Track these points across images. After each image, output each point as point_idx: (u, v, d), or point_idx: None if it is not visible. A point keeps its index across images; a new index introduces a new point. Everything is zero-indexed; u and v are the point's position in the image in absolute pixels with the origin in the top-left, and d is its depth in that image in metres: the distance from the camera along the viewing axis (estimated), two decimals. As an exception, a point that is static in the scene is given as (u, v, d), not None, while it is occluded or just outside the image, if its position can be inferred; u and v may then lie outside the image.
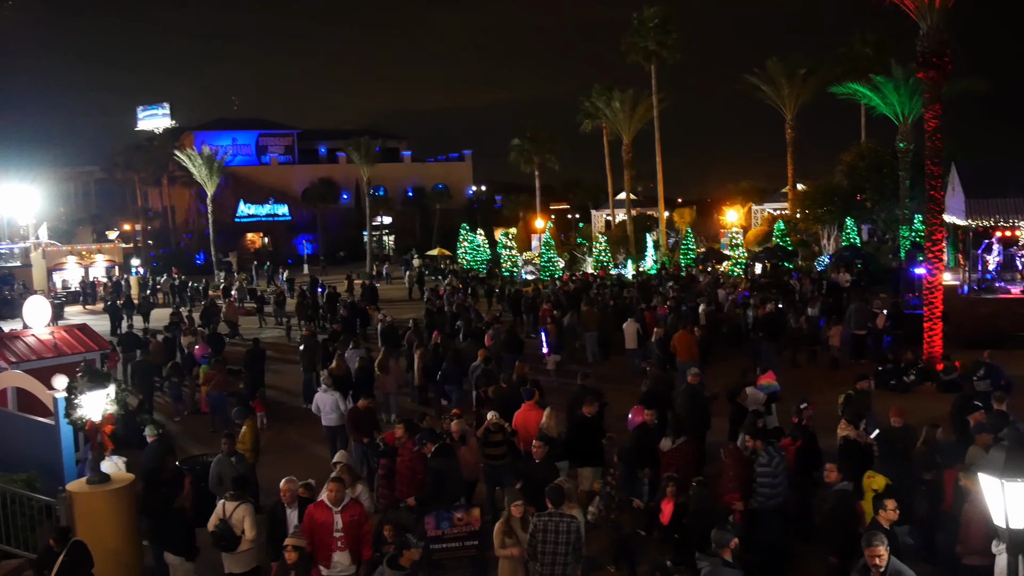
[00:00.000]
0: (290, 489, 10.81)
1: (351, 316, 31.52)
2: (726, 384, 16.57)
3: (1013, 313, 24.76)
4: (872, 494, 10.24)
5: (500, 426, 13.40)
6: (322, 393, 17.23)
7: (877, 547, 7.74)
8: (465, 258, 60.17)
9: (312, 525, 9.87)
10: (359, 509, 10.15)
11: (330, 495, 10.04)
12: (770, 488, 10.95)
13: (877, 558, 7.75)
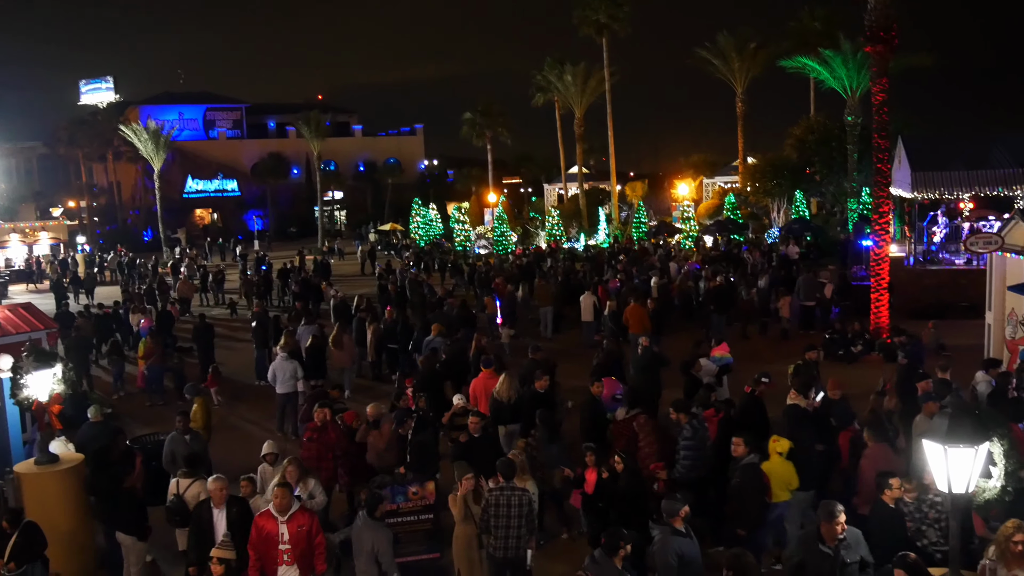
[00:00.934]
0: (218, 488, 9.71)
1: (303, 292, 31.24)
2: (679, 355, 16.75)
3: (957, 284, 25.29)
4: (777, 457, 10.49)
5: (466, 410, 13.21)
6: (281, 360, 17.42)
7: (838, 517, 7.91)
8: (418, 233, 59.90)
9: (257, 536, 9.05)
10: (308, 519, 9.14)
11: (276, 503, 9.09)
12: (692, 460, 11.22)
13: (838, 526, 7.94)
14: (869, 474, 9.87)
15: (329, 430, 12.20)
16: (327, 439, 12.10)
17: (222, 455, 15.48)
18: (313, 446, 12.07)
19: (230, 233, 73.61)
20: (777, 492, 10.31)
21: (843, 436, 11.46)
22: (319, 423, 12.22)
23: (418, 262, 43.11)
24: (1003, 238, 18.41)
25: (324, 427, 12.20)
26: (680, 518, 8.21)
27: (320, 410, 12.32)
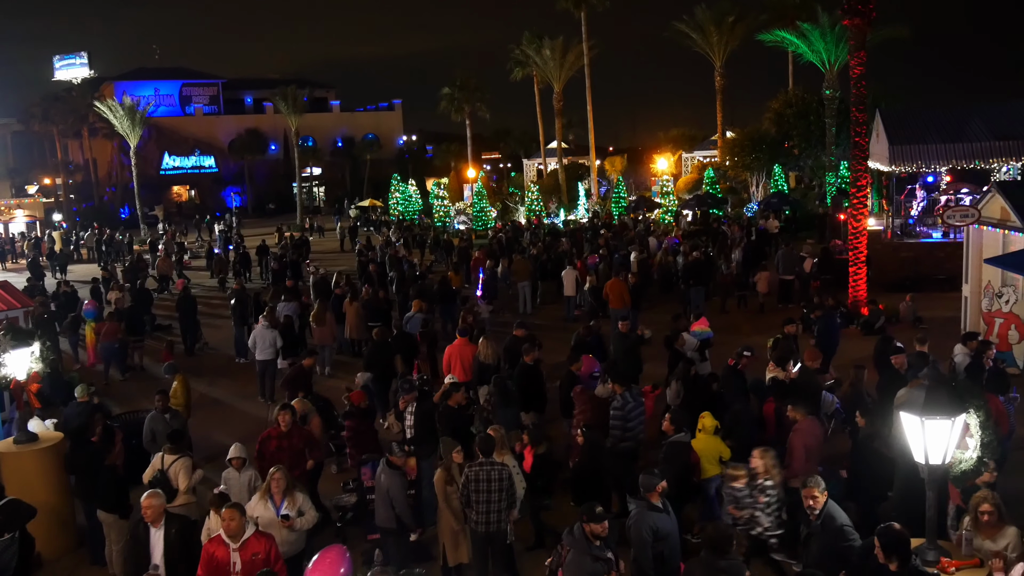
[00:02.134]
0: (153, 505, 8.62)
1: (282, 269, 31.06)
2: (659, 330, 16.84)
3: (933, 257, 25.49)
4: (701, 434, 10.67)
5: (458, 385, 13.03)
6: (261, 329, 18.16)
7: (811, 488, 8.00)
8: (397, 209, 59.65)
9: (207, 565, 8.09)
10: (264, 546, 8.08)
11: (225, 526, 8.08)
12: (620, 431, 11.39)
13: (811, 499, 8.02)
14: (799, 448, 10.03)
15: (294, 435, 11.09)
16: (294, 445, 10.99)
17: (202, 433, 15.47)
18: (283, 456, 10.73)
19: (208, 210, 72.96)
20: (706, 467, 10.49)
21: (767, 407, 11.65)
22: (284, 428, 11.04)
23: (400, 238, 42.96)
24: (979, 211, 18.56)
25: (289, 432, 11.05)
26: (657, 493, 8.23)
27: (283, 413, 11.15)
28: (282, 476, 9.22)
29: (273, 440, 11.00)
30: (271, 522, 8.92)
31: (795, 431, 10.27)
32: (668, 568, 8.10)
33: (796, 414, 10.47)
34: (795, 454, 10.06)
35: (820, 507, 8.00)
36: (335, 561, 7.70)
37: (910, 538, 6.96)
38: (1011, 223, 16.95)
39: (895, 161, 25.69)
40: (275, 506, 9.09)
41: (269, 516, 9.00)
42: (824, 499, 8.01)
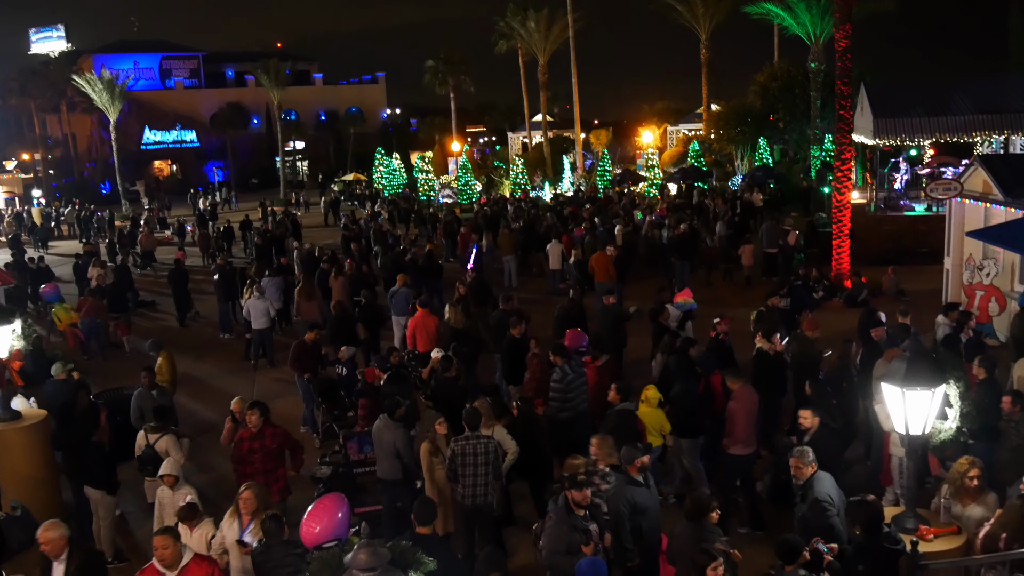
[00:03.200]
0: (52, 539, 7.52)
1: (266, 245, 30.91)
2: (644, 303, 16.89)
3: (916, 230, 25.60)
4: (644, 406, 10.83)
5: (450, 360, 12.85)
6: (254, 300, 18.77)
7: (797, 459, 8.09)
8: (381, 183, 59.40)
9: None
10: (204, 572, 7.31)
11: (159, 555, 7.19)
12: (559, 402, 11.61)
13: (795, 470, 8.12)
14: (741, 416, 10.22)
15: (267, 436, 10.15)
16: (267, 446, 10.11)
17: (188, 409, 15.49)
18: (256, 457, 10.03)
19: (190, 185, 72.43)
20: (650, 437, 10.66)
21: (715, 378, 11.75)
22: (254, 428, 10.11)
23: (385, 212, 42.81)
24: (962, 184, 18.65)
25: (261, 432, 10.12)
26: (635, 467, 8.27)
27: (251, 413, 10.17)
28: (252, 496, 8.23)
29: (245, 442, 10.11)
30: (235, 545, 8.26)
31: (733, 399, 10.46)
32: (647, 542, 8.15)
33: (732, 383, 10.61)
34: (736, 422, 10.28)
35: (804, 478, 8.07)
36: (332, 506, 7.74)
37: (878, 509, 7.03)
38: (993, 196, 17.05)
39: (879, 134, 25.74)
40: (240, 528, 8.19)
41: (235, 538, 8.25)
42: (810, 471, 8.07)
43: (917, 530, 7.54)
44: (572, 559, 7.37)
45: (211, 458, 13.60)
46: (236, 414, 11.12)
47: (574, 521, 7.54)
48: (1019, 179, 16.52)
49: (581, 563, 6.87)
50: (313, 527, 7.55)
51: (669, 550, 7.74)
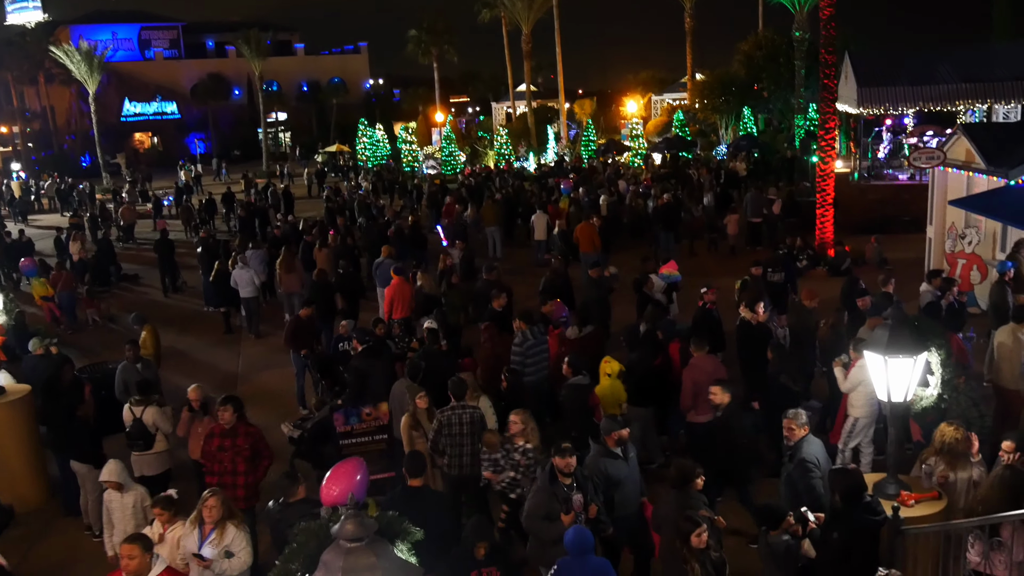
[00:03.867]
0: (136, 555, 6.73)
1: (249, 217, 30.73)
2: (629, 273, 16.92)
3: (899, 199, 25.69)
4: (607, 379, 10.86)
5: (437, 333, 12.80)
6: (239, 270, 18.85)
7: (789, 420, 8.16)
8: (365, 154, 59.06)
9: None
10: None
11: (125, 565, 6.54)
12: (518, 367, 11.75)
13: (787, 431, 8.19)
14: (689, 385, 10.33)
15: (239, 433, 9.31)
16: (238, 445, 9.25)
17: (173, 383, 15.43)
18: (226, 456, 9.21)
19: (171, 157, 71.79)
20: (607, 411, 10.61)
21: (673, 347, 11.91)
22: (226, 424, 9.29)
23: (369, 184, 42.61)
24: (945, 153, 18.71)
25: (234, 430, 9.30)
26: (613, 439, 8.29)
27: (223, 409, 9.29)
28: (217, 504, 7.45)
29: (215, 438, 9.33)
30: None
31: (688, 366, 10.54)
32: (619, 514, 8.19)
33: (695, 350, 10.72)
34: (684, 390, 10.42)
35: (794, 439, 8.15)
36: (352, 469, 7.71)
37: (859, 478, 7.10)
38: (975, 165, 17.10)
39: (863, 103, 25.75)
40: (200, 537, 7.45)
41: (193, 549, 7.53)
42: (801, 433, 8.15)
43: (899, 496, 7.64)
44: (550, 525, 7.44)
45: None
46: (193, 403, 10.34)
47: (556, 489, 7.59)
48: (1001, 148, 16.57)
49: (568, 532, 6.92)
50: (332, 489, 7.52)
51: (654, 517, 7.80)
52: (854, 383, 10.22)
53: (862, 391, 10.10)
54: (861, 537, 6.77)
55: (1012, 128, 20.09)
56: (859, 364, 10.06)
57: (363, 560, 3.67)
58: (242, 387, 15.93)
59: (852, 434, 10.39)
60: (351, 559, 3.66)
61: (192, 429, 10.16)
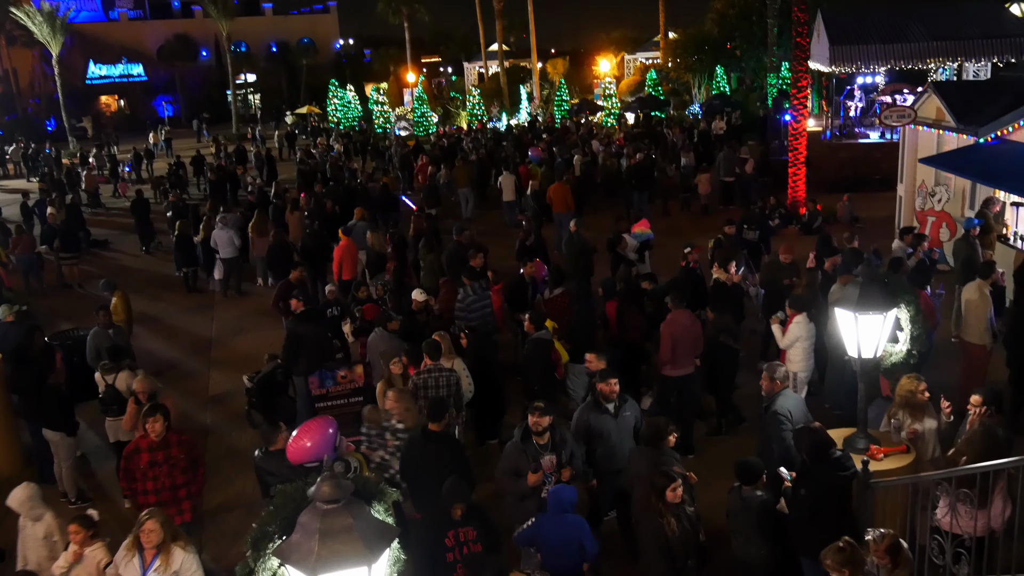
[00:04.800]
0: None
1: (220, 181, 30.41)
2: (603, 233, 16.93)
3: (871, 158, 25.82)
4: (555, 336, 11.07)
5: (427, 305, 12.53)
6: (219, 231, 18.88)
7: (765, 372, 8.32)
8: (336, 116, 58.45)
9: None
10: None
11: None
12: (462, 320, 12.30)
13: (763, 383, 8.36)
14: (667, 338, 10.45)
15: (172, 443, 8.44)
16: (174, 458, 8.41)
17: (146, 349, 15.36)
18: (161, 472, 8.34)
19: (139, 120, 70.72)
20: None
21: (610, 305, 12.07)
22: (155, 438, 8.34)
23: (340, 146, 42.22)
24: (916, 111, 18.79)
25: (165, 441, 8.39)
26: (606, 390, 8.35)
27: (152, 420, 8.32)
28: (157, 528, 6.74)
29: (144, 454, 8.35)
30: None
31: (665, 322, 10.67)
32: (604, 469, 8.29)
33: (672, 306, 10.86)
34: (663, 343, 10.52)
35: (772, 393, 8.27)
36: (322, 424, 7.93)
37: (822, 434, 7.21)
38: (945, 123, 17.20)
39: (835, 62, 25.75)
40: (142, 566, 6.82)
41: None
42: (778, 387, 8.27)
43: (868, 450, 7.76)
44: (516, 480, 7.54)
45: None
46: (140, 395, 9.62)
47: (527, 447, 7.65)
48: (971, 106, 16.69)
49: (552, 489, 7.01)
50: (303, 442, 7.67)
51: (625, 475, 7.87)
52: (791, 339, 10.59)
53: (799, 347, 10.54)
54: (830, 493, 6.88)
55: (982, 86, 20.22)
56: (796, 321, 10.52)
57: (340, 521, 3.69)
58: (216, 351, 15.89)
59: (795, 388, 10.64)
60: (328, 521, 3.68)
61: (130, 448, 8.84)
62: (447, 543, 6.73)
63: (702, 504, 7.72)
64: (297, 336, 11.52)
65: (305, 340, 11.44)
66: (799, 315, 10.64)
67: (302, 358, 11.35)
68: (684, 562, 6.79)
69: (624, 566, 8.21)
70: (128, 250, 24.72)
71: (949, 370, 11.33)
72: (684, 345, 10.45)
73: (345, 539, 3.65)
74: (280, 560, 3.95)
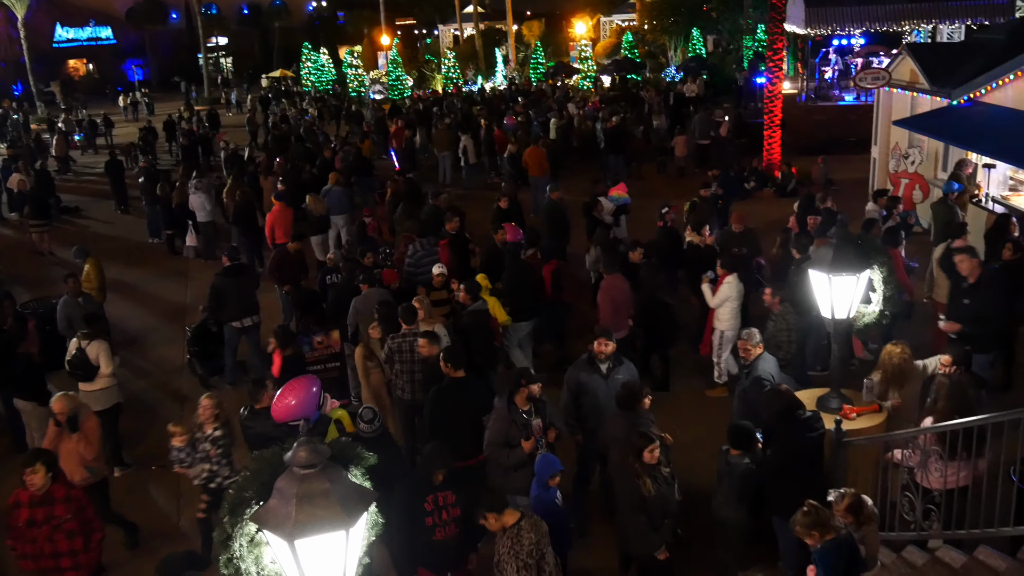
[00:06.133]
0: None
1: (192, 146, 30.04)
2: (579, 196, 16.91)
3: (846, 120, 25.86)
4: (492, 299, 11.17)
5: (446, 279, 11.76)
6: (194, 195, 18.76)
7: (745, 341, 8.35)
8: (310, 79, 57.78)
9: None
10: None
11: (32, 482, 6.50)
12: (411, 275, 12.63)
13: (743, 351, 8.39)
14: (605, 304, 10.69)
15: (57, 502, 6.96)
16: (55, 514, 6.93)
17: (119, 316, 15.24)
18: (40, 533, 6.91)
19: (108, 84, 69.60)
20: None
21: (545, 269, 12.22)
22: (37, 491, 6.94)
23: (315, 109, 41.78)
24: (890, 74, 18.82)
25: (48, 496, 6.95)
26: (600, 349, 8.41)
27: (32, 471, 6.89)
28: None
29: (23, 509, 6.96)
30: None
31: (601, 288, 10.89)
32: (589, 427, 8.37)
33: (605, 272, 11.08)
34: (601, 308, 10.76)
35: (750, 358, 8.33)
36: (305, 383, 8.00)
37: (789, 396, 7.29)
38: (919, 85, 17.24)
39: (811, 24, 25.66)
40: None
41: None
42: (757, 352, 8.34)
43: (841, 409, 7.86)
44: (509, 452, 7.54)
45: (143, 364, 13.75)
46: (59, 416, 8.35)
47: (514, 416, 7.68)
48: (945, 68, 16.72)
49: (538, 458, 7.01)
50: (288, 400, 7.73)
51: (602, 438, 7.93)
52: (721, 299, 10.80)
53: (728, 306, 10.79)
54: (797, 453, 6.97)
55: (956, 48, 20.24)
56: (727, 281, 10.75)
57: (317, 486, 3.69)
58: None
59: (721, 346, 11.03)
60: (305, 485, 3.67)
61: (61, 448, 8.12)
62: (426, 507, 6.77)
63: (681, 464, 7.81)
64: (218, 289, 12.31)
65: (226, 293, 12.27)
66: (730, 275, 10.85)
67: (226, 308, 12.31)
68: (661, 521, 6.87)
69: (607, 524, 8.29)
70: (100, 216, 24.42)
71: (921, 331, 11.47)
72: (621, 308, 10.74)
73: (323, 503, 3.64)
74: (257, 525, 3.95)
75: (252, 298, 12.54)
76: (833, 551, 5.82)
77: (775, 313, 9.87)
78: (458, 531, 6.86)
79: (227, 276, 12.41)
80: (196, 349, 12.71)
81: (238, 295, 12.29)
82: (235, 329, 12.34)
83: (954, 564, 6.97)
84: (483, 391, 8.73)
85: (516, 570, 6.12)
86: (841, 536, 5.84)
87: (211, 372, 12.60)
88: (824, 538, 5.81)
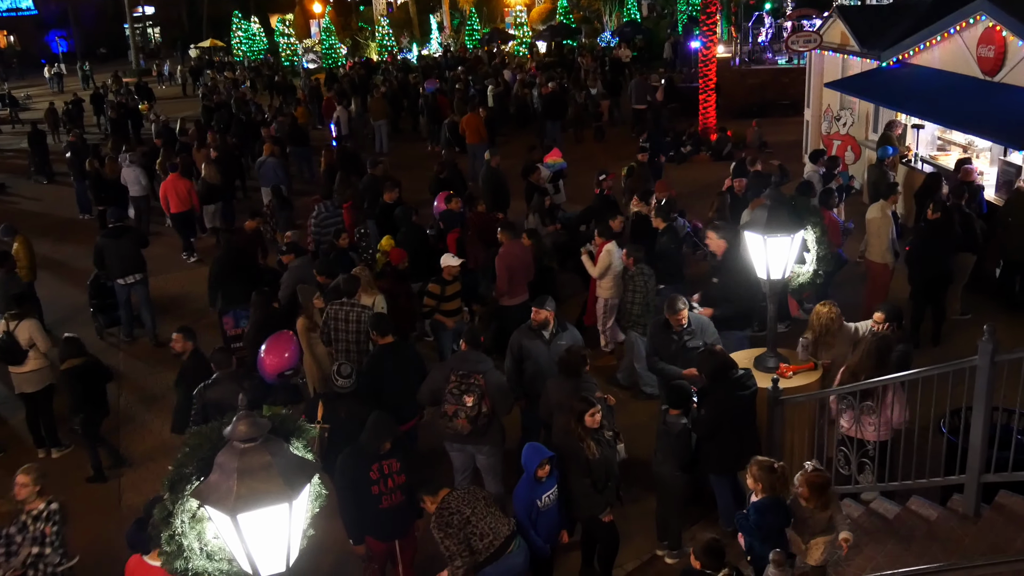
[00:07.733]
0: None
1: (121, 119, 29.24)
2: (516, 163, 16.87)
3: (778, 83, 26.19)
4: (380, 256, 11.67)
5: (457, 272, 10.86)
6: (127, 168, 18.44)
7: (681, 311, 8.32)
8: (241, 49, 56.52)
9: None
10: None
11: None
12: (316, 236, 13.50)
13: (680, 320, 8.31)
14: (503, 270, 10.83)
15: None
16: None
17: (50, 295, 14.87)
18: None
19: (32, 56, 67.29)
20: None
21: (450, 237, 12.47)
22: None
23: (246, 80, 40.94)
24: (821, 36, 19.05)
25: None
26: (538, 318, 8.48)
27: None
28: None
29: None
30: None
31: (499, 255, 10.99)
32: (529, 391, 8.45)
33: (502, 236, 11.22)
34: (499, 275, 10.90)
35: (686, 322, 8.36)
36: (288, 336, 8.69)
37: (723, 356, 7.42)
38: (850, 48, 17.49)
39: (743, -14, 25.88)
40: None
41: None
42: (686, 313, 8.38)
43: (778, 368, 8.03)
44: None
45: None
46: None
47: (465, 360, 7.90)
48: (874, 30, 16.96)
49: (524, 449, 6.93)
50: (283, 352, 8.33)
51: (543, 405, 7.94)
52: (603, 268, 10.95)
53: (609, 275, 10.93)
54: (730, 412, 7.12)
55: (885, 11, 20.52)
56: (606, 249, 10.88)
57: (258, 459, 3.66)
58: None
59: (606, 314, 11.23)
60: (246, 459, 3.64)
61: None
62: (372, 476, 6.76)
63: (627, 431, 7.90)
64: (100, 249, 13.07)
65: (108, 252, 12.98)
66: (609, 243, 10.99)
67: (110, 266, 13.07)
68: (605, 483, 6.96)
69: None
70: (27, 193, 23.73)
71: (853, 289, 11.74)
72: (518, 275, 10.87)
73: (264, 477, 3.62)
74: (199, 501, 3.92)
75: (136, 256, 13.11)
76: (771, 508, 5.96)
77: (628, 273, 10.16)
78: (404, 498, 6.87)
79: (108, 237, 13.13)
80: (96, 302, 13.55)
81: (119, 254, 12.96)
82: (121, 286, 13.06)
83: (888, 515, 7.20)
84: (413, 354, 8.96)
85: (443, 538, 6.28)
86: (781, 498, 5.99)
87: (108, 324, 13.59)
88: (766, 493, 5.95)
